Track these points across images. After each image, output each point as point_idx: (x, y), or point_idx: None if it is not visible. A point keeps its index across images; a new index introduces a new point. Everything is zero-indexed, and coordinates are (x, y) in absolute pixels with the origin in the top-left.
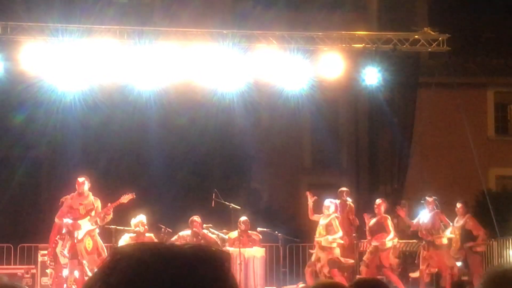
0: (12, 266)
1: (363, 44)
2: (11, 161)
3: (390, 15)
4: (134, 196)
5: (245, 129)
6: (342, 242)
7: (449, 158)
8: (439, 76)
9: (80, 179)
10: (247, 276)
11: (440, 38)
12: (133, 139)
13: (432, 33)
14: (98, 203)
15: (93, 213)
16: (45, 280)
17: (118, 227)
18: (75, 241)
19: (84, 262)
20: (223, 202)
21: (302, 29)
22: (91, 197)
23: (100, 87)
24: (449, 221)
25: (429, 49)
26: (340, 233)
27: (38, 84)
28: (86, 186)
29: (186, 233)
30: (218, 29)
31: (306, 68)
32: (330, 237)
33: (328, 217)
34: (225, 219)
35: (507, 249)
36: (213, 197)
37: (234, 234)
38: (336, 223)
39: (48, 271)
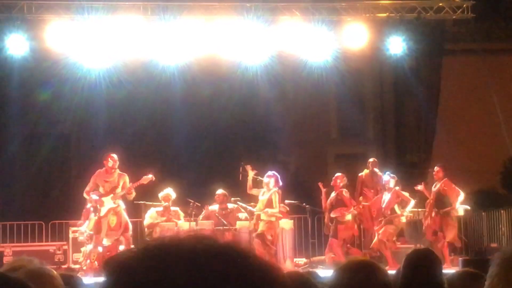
0: (44, 243)
1: (387, 13)
2: (37, 138)
3: None
4: (153, 178)
5: (269, 101)
6: (281, 216)
7: (476, 125)
8: (464, 43)
9: (109, 157)
10: (277, 248)
11: (464, 5)
12: (157, 115)
13: (457, 0)
14: (124, 180)
15: (118, 191)
16: (77, 256)
17: (147, 203)
18: (98, 217)
19: (105, 239)
20: (252, 175)
21: (326, 0)
22: (116, 175)
23: (124, 63)
24: (410, 198)
25: (454, 16)
26: (277, 209)
27: (63, 62)
28: (111, 163)
29: (213, 207)
30: (241, 2)
31: (330, 39)
32: (269, 211)
33: (269, 191)
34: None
35: None
36: (240, 170)
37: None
38: (276, 198)
39: (82, 249)
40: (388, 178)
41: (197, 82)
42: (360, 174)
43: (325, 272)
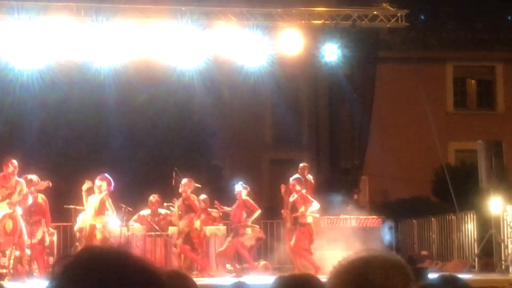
0: None
1: (322, 20)
2: None
3: None
4: (50, 185)
5: (205, 106)
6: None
7: (409, 133)
8: (398, 51)
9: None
10: (209, 254)
11: (398, 14)
12: (92, 118)
13: (391, 8)
14: (21, 187)
15: (14, 196)
16: (4, 261)
17: (77, 207)
18: None
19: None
20: (184, 180)
21: (261, 5)
22: (14, 181)
23: (57, 65)
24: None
25: (388, 25)
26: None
27: None
28: (11, 169)
29: (146, 212)
30: (177, 5)
31: (266, 45)
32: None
33: (100, 194)
34: None
35: (466, 224)
36: (173, 175)
37: None
38: (109, 201)
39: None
40: (240, 188)
41: (132, 86)
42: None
43: (254, 280)
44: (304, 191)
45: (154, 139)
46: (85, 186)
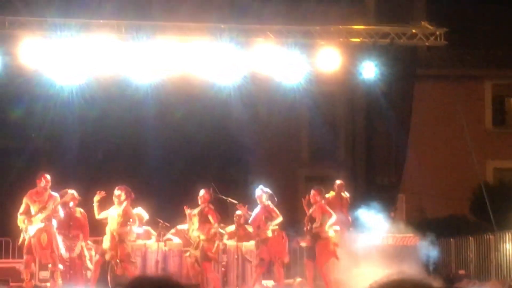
0: (10, 260)
1: (361, 38)
2: (9, 154)
3: (387, 9)
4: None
5: (242, 122)
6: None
7: (447, 150)
8: (437, 68)
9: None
10: (244, 270)
11: (437, 32)
12: (130, 133)
13: (430, 27)
14: (54, 201)
15: (46, 211)
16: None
17: None
18: (28, 236)
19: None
20: (221, 196)
21: (300, 23)
22: (46, 195)
23: (97, 81)
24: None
25: (426, 43)
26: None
27: (36, 79)
28: (43, 183)
29: (183, 227)
30: (216, 23)
31: (303, 62)
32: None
33: (121, 205)
34: (222, 213)
35: (504, 243)
36: (210, 190)
37: (231, 228)
38: (131, 212)
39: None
40: (260, 192)
41: (170, 102)
42: (326, 196)
43: None
44: (323, 201)
45: (191, 155)
46: (96, 198)
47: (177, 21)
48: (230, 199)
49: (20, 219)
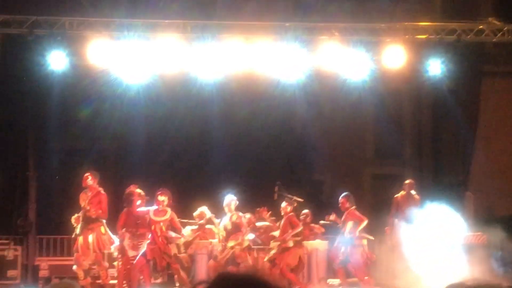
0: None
1: (427, 35)
2: (77, 154)
3: (454, 5)
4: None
5: (307, 121)
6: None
7: None
8: (504, 65)
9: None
10: (310, 269)
11: (505, 28)
12: (195, 133)
13: (497, 23)
14: (99, 199)
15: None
16: (113, 272)
17: (182, 220)
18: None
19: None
20: (286, 195)
21: (365, 20)
22: (95, 192)
23: (163, 80)
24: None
25: (494, 40)
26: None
27: (103, 78)
28: (90, 182)
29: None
30: (281, 21)
31: (369, 60)
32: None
33: (168, 213)
34: None
35: None
36: (276, 190)
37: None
38: (176, 218)
39: (115, 263)
40: (284, 204)
41: (235, 101)
42: (395, 196)
43: None
44: (353, 207)
45: (256, 153)
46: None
47: (241, 20)
48: (296, 197)
49: (73, 218)
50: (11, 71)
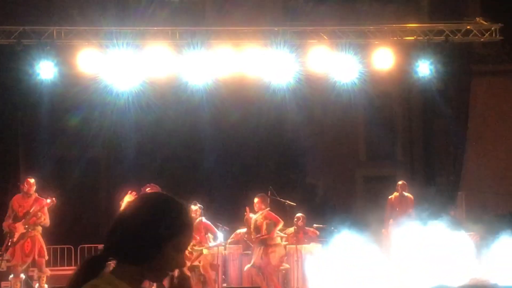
0: (74, 267)
1: (415, 37)
2: (68, 162)
3: (441, 6)
4: (55, 202)
5: (298, 124)
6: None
7: (506, 147)
8: (492, 64)
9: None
10: (304, 272)
11: (492, 28)
12: (186, 138)
13: (484, 23)
14: (40, 205)
15: (29, 215)
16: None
17: None
18: (11, 242)
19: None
20: (279, 198)
21: (353, 23)
22: (32, 200)
23: (152, 87)
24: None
25: (482, 39)
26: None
27: (92, 87)
28: (26, 187)
29: (242, 230)
30: (269, 26)
31: (358, 62)
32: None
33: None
34: (280, 216)
35: None
36: (268, 194)
37: (290, 230)
38: None
39: None
40: (196, 207)
41: (225, 106)
42: (389, 197)
43: None
44: (268, 209)
45: (247, 157)
46: (128, 198)
47: (230, 26)
48: (288, 201)
49: (4, 225)
50: (1, 81)
